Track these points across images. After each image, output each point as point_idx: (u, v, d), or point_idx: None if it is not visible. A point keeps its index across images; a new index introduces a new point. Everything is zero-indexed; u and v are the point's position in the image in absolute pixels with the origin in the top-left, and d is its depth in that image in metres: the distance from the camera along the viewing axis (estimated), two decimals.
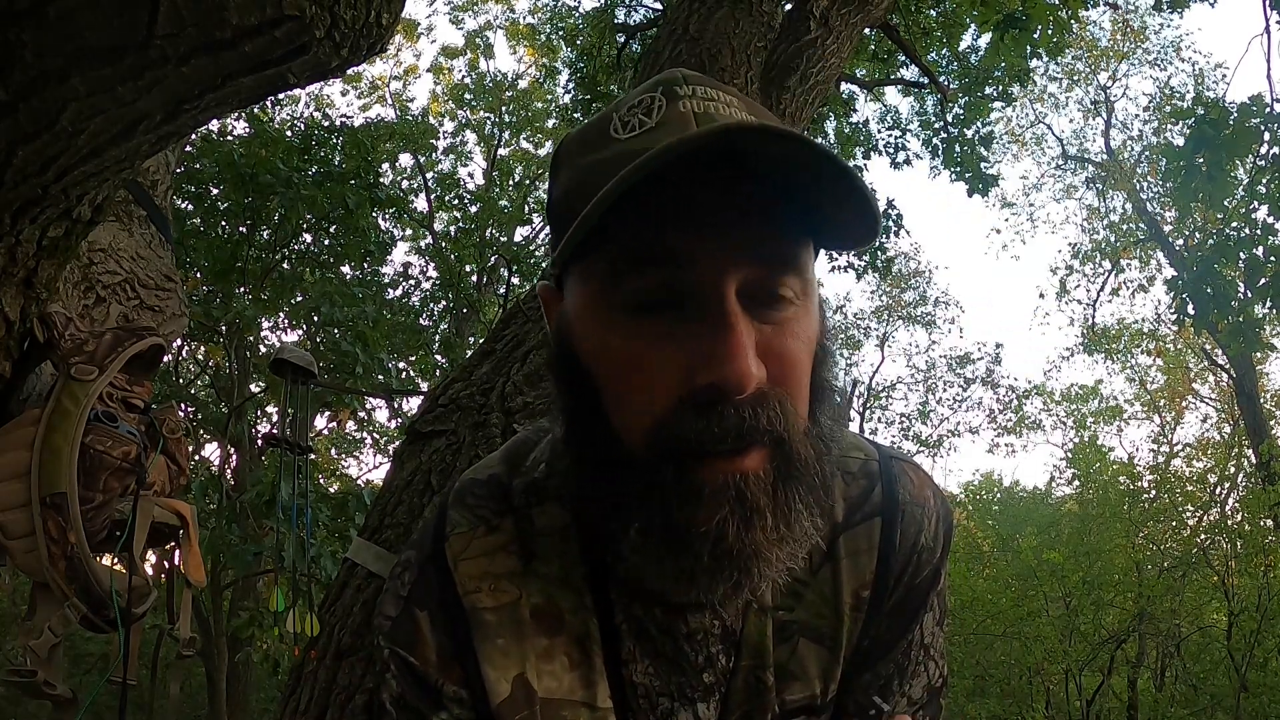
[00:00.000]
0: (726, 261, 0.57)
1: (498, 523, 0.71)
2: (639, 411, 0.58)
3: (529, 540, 0.70)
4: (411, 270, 13.93)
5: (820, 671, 0.73)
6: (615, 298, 0.59)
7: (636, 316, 0.58)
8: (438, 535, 0.72)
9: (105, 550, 1.66)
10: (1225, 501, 13.04)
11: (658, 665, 0.70)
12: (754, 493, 0.58)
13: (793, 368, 0.60)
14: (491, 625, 0.68)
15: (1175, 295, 4.94)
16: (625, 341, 0.58)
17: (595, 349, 0.61)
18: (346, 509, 6.21)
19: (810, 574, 0.72)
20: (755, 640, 0.71)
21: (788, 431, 0.59)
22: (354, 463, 15.38)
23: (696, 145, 0.53)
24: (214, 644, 9.25)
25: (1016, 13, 4.41)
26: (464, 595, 0.69)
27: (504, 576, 0.69)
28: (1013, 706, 10.65)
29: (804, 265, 0.61)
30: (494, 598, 0.68)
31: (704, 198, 0.57)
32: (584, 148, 0.64)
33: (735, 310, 0.56)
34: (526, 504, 0.72)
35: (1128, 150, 15.60)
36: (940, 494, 0.78)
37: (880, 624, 0.75)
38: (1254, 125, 4.43)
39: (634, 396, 0.59)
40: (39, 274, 1.34)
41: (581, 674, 0.68)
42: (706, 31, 2.75)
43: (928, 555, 0.75)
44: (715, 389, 0.56)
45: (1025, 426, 18.49)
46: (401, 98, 16.03)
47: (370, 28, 0.98)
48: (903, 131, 8.58)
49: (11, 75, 0.88)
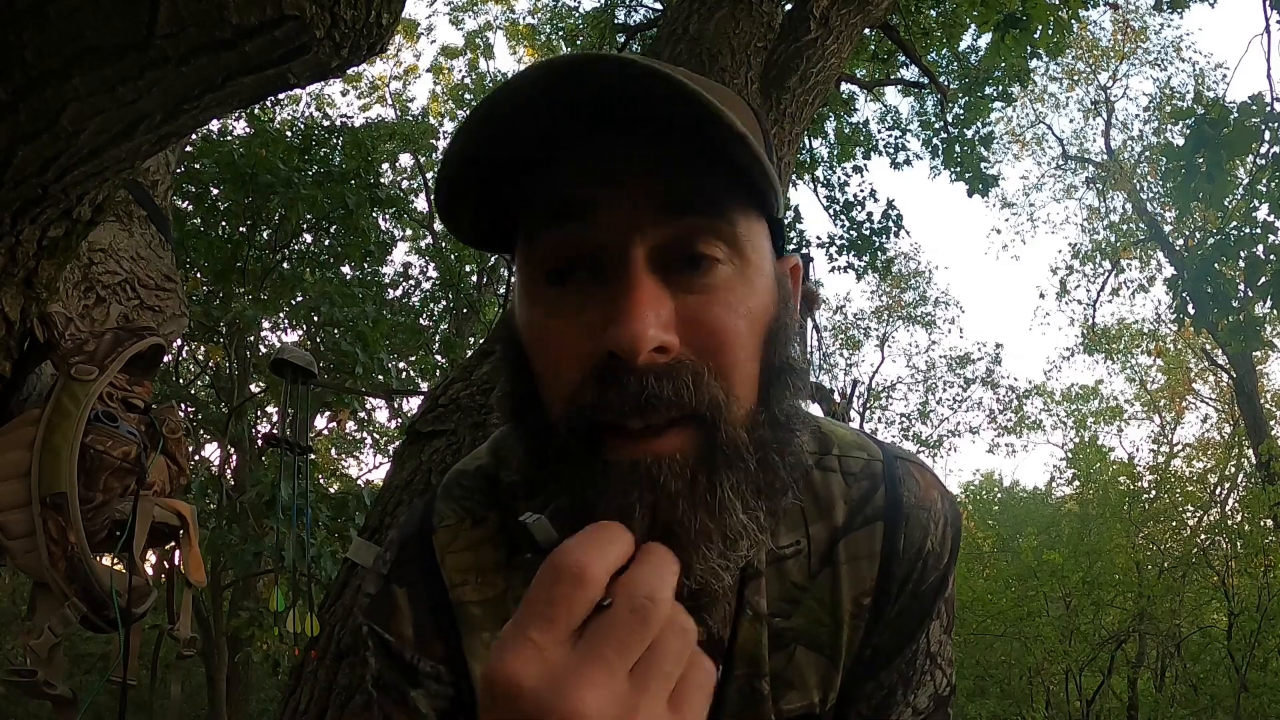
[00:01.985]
0: (638, 217, 0.53)
1: (484, 514, 0.71)
2: (555, 386, 0.55)
3: (512, 532, 0.69)
4: (411, 270, 13.92)
5: (819, 680, 0.71)
6: (535, 264, 0.56)
7: (555, 285, 0.55)
8: (424, 524, 0.72)
9: (105, 550, 1.66)
10: (1225, 501, 13.05)
11: None
12: (667, 478, 0.52)
13: (723, 340, 0.54)
14: (478, 619, 0.67)
15: (1175, 295, 4.95)
16: (545, 312, 0.55)
17: (523, 324, 0.58)
18: (346, 509, 6.21)
19: (809, 580, 0.69)
20: (750, 648, 0.68)
21: (711, 411, 0.53)
22: (354, 463, 15.39)
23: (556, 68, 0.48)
24: (214, 644, 9.25)
25: (1016, 13, 4.41)
26: (451, 588, 0.68)
27: (491, 569, 0.68)
28: (1013, 706, 10.65)
29: (735, 226, 0.56)
30: (480, 591, 0.68)
31: (613, 148, 0.54)
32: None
33: (640, 269, 0.52)
34: (512, 496, 0.69)
35: (1128, 150, 15.62)
36: (948, 496, 0.74)
37: (883, 632, 0.72)
38: (1254, 125, 4.43)
39: (551, 371, 0.55)
40: (39, 274, 1.34)
41: None
42: (706, 31, 2.75)
43: (934, 561, 0.71)
44: (615, 356, 0.51)
45: (1025, 426, 18.50)
46: (401, 98, 16.03)
47: (370, 28, 0.98)
48: (903, 131, 8.59)
49: (11, 75, 0.88)
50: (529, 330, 0.57)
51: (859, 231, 7.92)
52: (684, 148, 0.53)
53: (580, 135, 0.53)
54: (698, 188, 0.54)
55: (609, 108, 0.51)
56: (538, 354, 0.56)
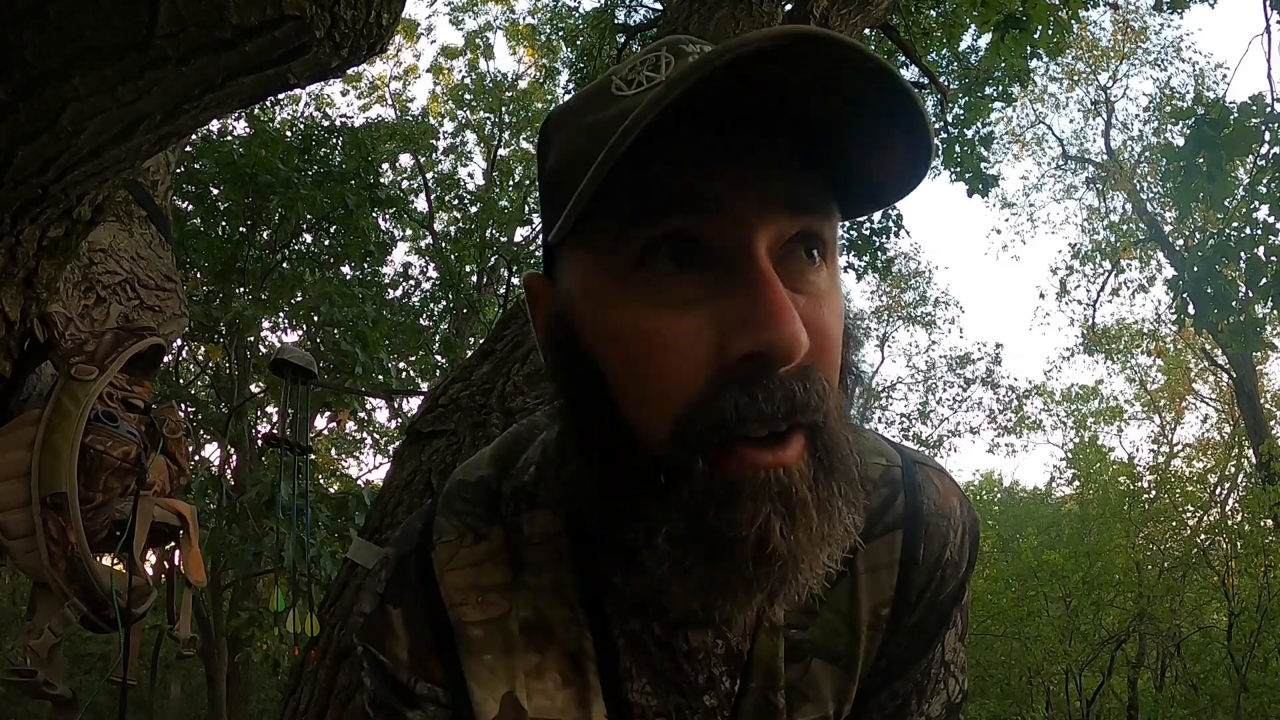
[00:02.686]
0: (764, 210, 0.49)
1: (486, 531, 0.67)
2: (662, 396, 0.49)
3: (518, 550, 0.66)
4: (411, 270, 13.91)
5: (834, 692, 0.68)
6: (625, 261, 0.50)
7: (651, 283, 0.49)
8: (423, 540, 0.69)
9: (105, 550, 1.66)
10: (1225, 501, 13.05)
11: (656, 684, 0.66)
12: (797, 488, 0.49)
13: (830, 345, 0.52)
14: (479, 640, 0.64)
15: (1175, 295, 4.94)
16: (640, 315, 0.49)
17: (602, 330, 0.52)
18: (346, 509, 6.21)
19: (826, 590, 0.63)
20: (766, 661, 0.66)
21: (827, 417, 0.51)
22: (354, 463, 15.38)
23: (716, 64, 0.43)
24: (214, 644, 9.25)
25: (1016, 13, 4.41)
26: (450, 608, 0.65)
27: (492, 589, 0.65)
28: (1013, 706, 10.65)
29: (833, 227, 0.53)
30: (482, 611, 0.65)
31: (735, 136, 0.49)
32: (580, 112, 0.56)
33: (770, 267, 0.48)
34: (515, 510, 0.67)
35: (1128, 150, 15.62)
36: (966, 503, 0.72)
37: (900, 642, 0.69)
38: (1254, 125, 4.43)
39: (655, 380, 0.49)
40: (39, 274, 1.34)
41: (575, 692, 0.64)
42: (706, 32, 2.75)
43: (952, 570, 0.69)
44: (759, 359, 0.47)
45: (1025, 426, 18.49)
46: (401, 98, 16.03)
47: (370, 28, 0.98)
48: None
49: (11, 75, 0.88)
50: (614, 335, 0.51)
51: (859, 231, 7.93)
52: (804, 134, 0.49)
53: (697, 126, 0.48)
54: (816, 186, 0.52)
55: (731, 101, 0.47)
56: (631, 361, 0.50)
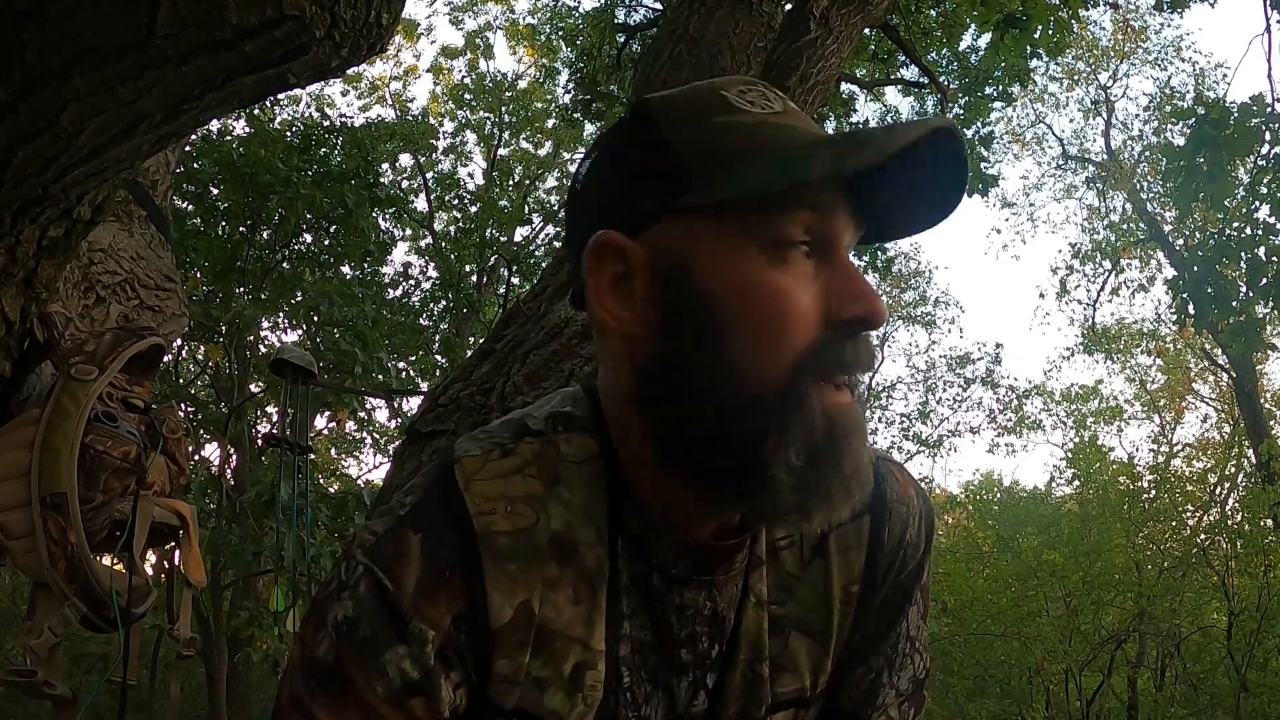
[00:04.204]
0: (849, 222, 0.65)
1: (513, 446, 0.69)
2: (787, 341, 0.62)
3: (553, 464, 0.68)
4: (411, 270, 13.92)
5: (811, 664, 0.75)
6: (766, 236, 0.62)
7: (784, 257, 0.62)
8: (444, 464, 0.69)
9: (105, 550, 1.66)
10: (1225, 501, 13.04)
11: (649, 625, 0.70)
12: (860, 423, 0.64)
13: None
14: (504, 550, 0.65)
15: (1175, 295, 4.95)
16: (770, 277, 0.62)
17: (731, 286, 0.62)
18: (346, 509, 6.21)
19: (802, 569, 0.74)
20: (753, 634, 0.72)
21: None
22: (354, 463, 15.38)
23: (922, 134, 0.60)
24: (214, 644, 9.24)
25: (1016, 13, 4.41)
26: (476, 516, 0.65)
27: (522, 499, 0.67)
28: (1013, 706, 10.65)
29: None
30: (510, 521, 0.66)
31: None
32: (699, 113, 0.66)
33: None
34: (553, 429, 0.70)
35: (1128, 150, 15.62)
36: (923, 493, 0.81)
37: (870, 619, 0.78)
38: (1255, 125, 4.43)
39: (784, 328, 0.62)
40: (39, 274, 1.34)
41: (584, 610, 0.67)
42: (706, 31, 2.75)
43: (912, 551, 0.78)
44: (863, 321, 0.63)
45: (1025, 426, 18.49)
46: (401, 98, 16.02)
47: (370, 28, 0.98)
48: None
49: (11, 75, 0.88)
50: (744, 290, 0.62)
51: None
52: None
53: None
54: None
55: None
56: (759, 312, 0.62)
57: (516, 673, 0.66)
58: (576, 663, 0.67)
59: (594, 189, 0.70)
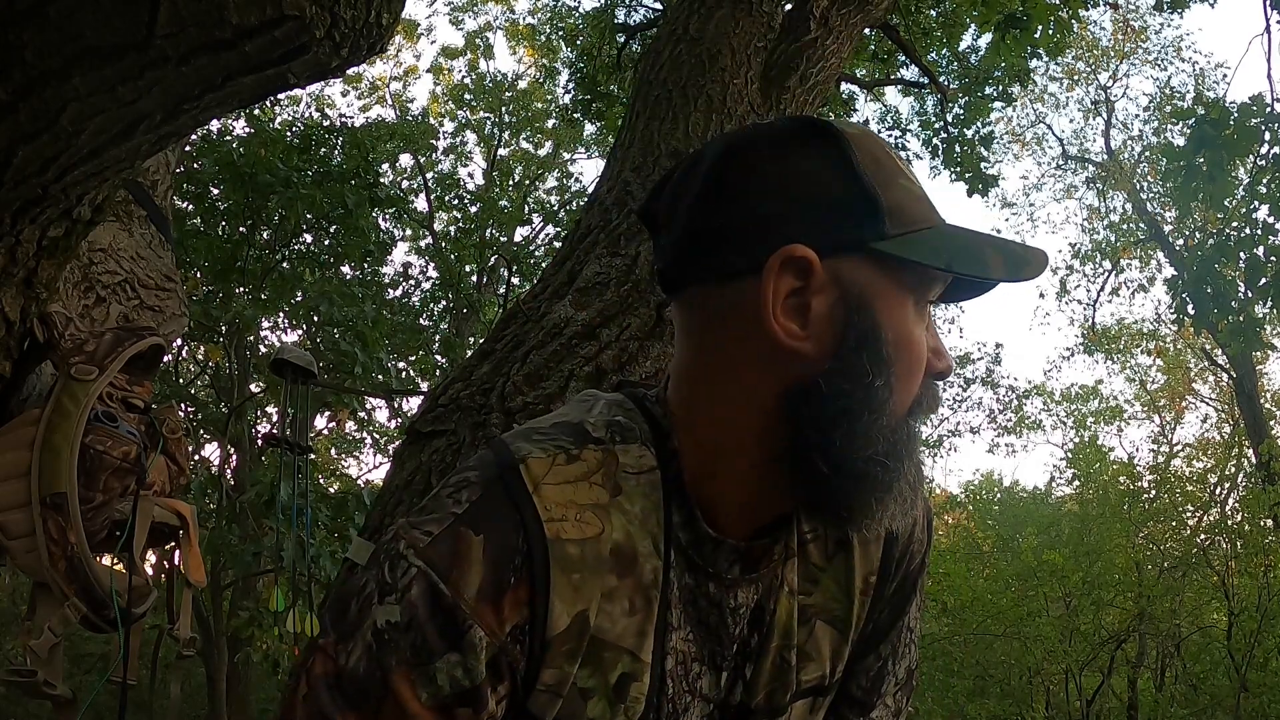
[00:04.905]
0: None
1: (578, 452, 0.68)
2: (914, 385, 0.72)
3: (614, 474, 0.68)
4: (411, 270, 13.93)
5: (831, 652, 0.78)
6: (914, 295, 0.71)
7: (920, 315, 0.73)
8: (505, 459, 0.67)
9: (105, 550, 1.65)
10: (1225, 501, 13.05)
11: (697, 634, 0.72)
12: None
13: None
14: (572, 559, 0.64)
15: (1175, 295, 4.95)
16: (918, 333, 0.72)
17: (898, 333, 0.70)
18: (346, 509, 6.21)
19: (826, 561, 0.78)
20: (785, 622, 0.75)
21: None
22: (354, 463, 15.38)
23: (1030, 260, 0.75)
24: (214, 644, 9.25)
25: (1017, 13, 4.42)
26: (547, 522, 0.64)
27: (589, 508, 0.66)
28: (1013, 706, 10.66)
29: None
30: (579, 529, 0.65)
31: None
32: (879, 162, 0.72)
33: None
34: (611, 439, 0.70)
35: (1128, 150, 15.62)
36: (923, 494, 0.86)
37: (882, 609, 0.83)
38: (1254, 125, 4.43)
39: (916, 373, 0.72)
40: (39, 274, 1.34)
41: (637, 622, 0.67)
42: (706, 31, 2.75)
43: (918, 545, 0.84)
44: (943, 374, 0.75)
45: (1025, 426, 18.45)
46: (401, 98, 16.03)
47: (370, 28, 0.98)
48: (903, 131, 8.57)
49: (11, 75, 0.88)
50: (905, 338, 0.71)
51: None
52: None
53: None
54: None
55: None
56: (910, 357, 0.71)
57: (562, 683, 0.65)
58: (623, 673, 0.67)
59: (776, 196, 0.69)
